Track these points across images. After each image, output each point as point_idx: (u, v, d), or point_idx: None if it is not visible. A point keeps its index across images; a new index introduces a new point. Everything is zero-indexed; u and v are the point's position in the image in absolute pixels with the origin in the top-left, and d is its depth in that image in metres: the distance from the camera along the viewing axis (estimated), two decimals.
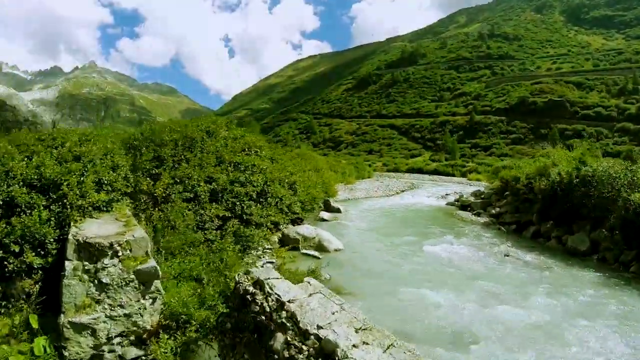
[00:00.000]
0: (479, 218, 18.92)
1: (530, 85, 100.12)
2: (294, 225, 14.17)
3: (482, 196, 21.26)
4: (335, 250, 12.03)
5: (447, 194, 30.00)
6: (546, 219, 15.39)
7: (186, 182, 9.28)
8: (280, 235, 12.33)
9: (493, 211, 19.01)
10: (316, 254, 11.36)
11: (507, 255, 11.96)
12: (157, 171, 9.32)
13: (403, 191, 33.62)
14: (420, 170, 68.93)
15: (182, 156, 10.16)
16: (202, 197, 9.21)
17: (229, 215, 9.65)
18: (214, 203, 9.46)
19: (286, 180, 13.06)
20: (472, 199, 22.03)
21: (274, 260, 9.73)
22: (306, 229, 12.57)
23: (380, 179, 46.61)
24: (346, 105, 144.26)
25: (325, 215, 18.42)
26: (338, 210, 20.57)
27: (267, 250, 10.76)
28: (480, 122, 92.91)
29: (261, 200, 10.56)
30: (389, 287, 8.68)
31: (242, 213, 9.81)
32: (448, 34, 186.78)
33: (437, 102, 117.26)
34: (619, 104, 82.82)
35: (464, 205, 22.08)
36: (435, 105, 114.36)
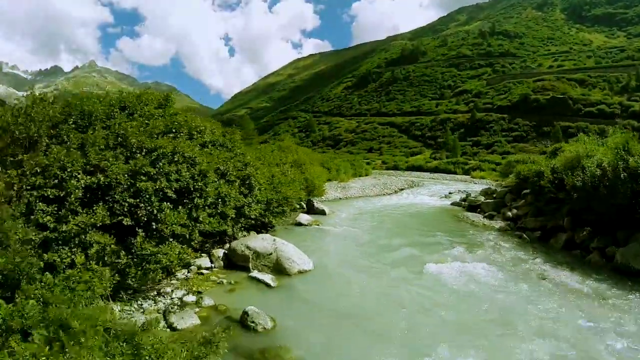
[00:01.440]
0: (492, 222, 15.37)
1: (532, 82, 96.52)
2: (258, 233, 10.63)
3: (494, 195, 17.66)
4: (300, 272, 8.56)
5: (450, 193, 26.47)
6: (581, 225, 11.85)
7: (52, 172, 5.73)
8: (226, 250, 8.73)
9: (509, 214, 15.44)
10: (269, 279, 7.83)
11: (544, 279, 8.36)
12: (22, 157, 5.87)
13: (402, 189, 30.06)
14: (420, 168, 65.35)
15: (66, 137, 6.60)
16: (73, 195, 5.63)
17: (128, 222, 6.09)
18: (97, 204, 5.88)
19: (234, 174, 9.38)
20: (482, 198, 18.42)
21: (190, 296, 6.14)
22: (261, 242, 9.05)
23: (379, 176, 43.00)
24: (346, 103, 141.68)
25: (304, 219, 14.91)
26: (322, 212, 17.09)
27: (197, 275, 7.16)
28: (482, 120, 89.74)
29: (185, 201, 6.95)
30: (371, 351, 5.08)
31: (148, 220, 6.24)
32: (448, 32, 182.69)
33: (438, 99, 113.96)
34: (622, 101, 79.88)
35: (472, 206, 18.52)
36: (435, 103, 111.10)
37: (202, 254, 8.96)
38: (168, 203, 6.50)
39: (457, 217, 16.68)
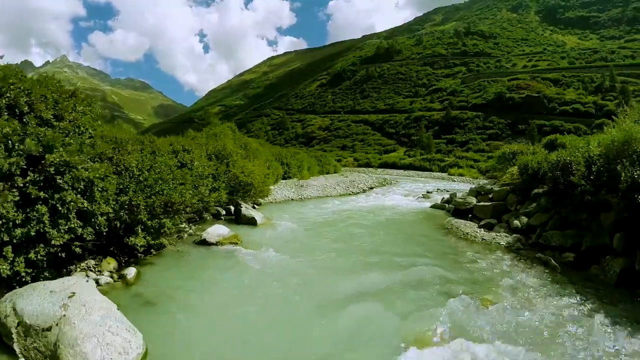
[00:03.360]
0: (493, 235, 10.49)
1: (507, 81, 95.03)
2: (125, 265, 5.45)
3: (491, 196, 12.81)
4: None
5: (429, 192, 21.71)
6: None
7: None
8: None
9: (517, 223, 10.61)
10: None
11: None
12: None
13: (371, 188, 25.13)
14: (394, 166, 61.17)
15: None
16: None
17: None
18: None
19: None
20: (472, 200, 13.51)
21: None
22: (42, 301, 3.85)
23: (348, 174, 38.04)
24: (320, 101, 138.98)
25: (214, 234, 9.79)
26: (252, 222, 12.04)
27: None
28: (457, 118, 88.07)
29: None
30: None
31: None
32: (424, 32, 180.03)
33: (412, 97, 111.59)
34: (597, 100, 78.97)
35: (460, 210, 13.67)
36: (410, 101, 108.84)
37: None
38: None
39: (443, 227, 11.76)
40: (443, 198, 16.54)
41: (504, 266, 7.97)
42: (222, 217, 13.40)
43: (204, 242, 9.64)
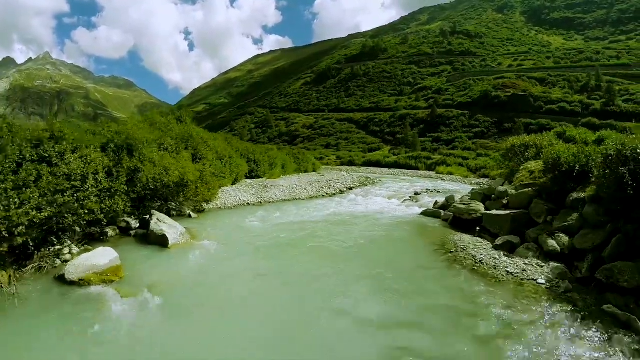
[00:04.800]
0: (519, 261, 6.93)
1: (493, 80, 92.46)
2: None
3: (506, 201, 9.14)
4: None
5: (417, 194, 18.08)
6: None
7: None
8: None
9: (552, 243, 7.08)
10: None
11: None
12: None
13: (350, 189, 21.40)
14: (378, 164, 57.72)
15: None
16: None
17: None
18: None
19: None
20: (479, 206, 9.82)
21: None
22: None
23: (327, 172, 34.29)
24: (304, 99, 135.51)
25: (82, 266, 6.22)
26: (162, 242, 8.36)
27: None
28: (442, 116, 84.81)
29: None
30: None
31: None
32: (410, 31, 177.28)
33: (397, 96, 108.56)
34: (583, 99, 76.94)
35: (460, 219, 10.05)
36: (395, 100, 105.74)
37: None
38: None
39: (442, 247, 8.11)
40: (436, 202, 12.88)
41: (558, 333, 4.33)
42: (132, 232, 9.60)
43: (62, 279, 5.88)
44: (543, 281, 6.17)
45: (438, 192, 19.39)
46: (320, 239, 9.31)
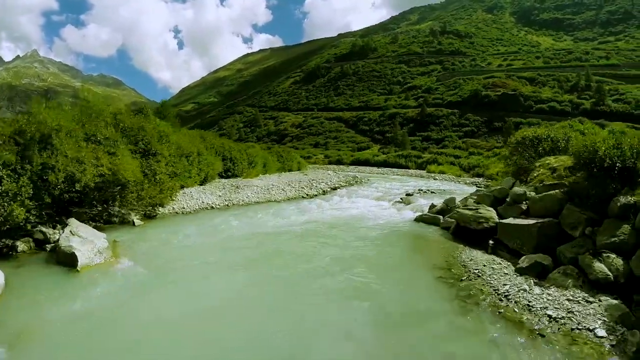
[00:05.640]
0: (559, 295, 4.78)
1: (483, 79, 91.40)
2: None
3: (525, 206, 6.97)
4: None
5: (408, 195, 15.95)
6: None
7: None
8: None
9: (600, 268, 4.97)
10: None
11: None
12: None
13: (335, 189, 19.23)
14: (367, 163, 55.68)
15: None
16: None
17: None
18: None
19: None
20: (489, 212, 7.63)
21: None
22: None
23: (312, 172, 32.06)
24: (293, 98, 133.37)
25: None
26: (70, 261, 6.14)
27: None
28: (432, 115, 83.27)
29: None
30: None
31: None
32: (400, 30, 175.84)
33: (387, 95, 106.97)
34: (573, 99, 75.80)
35: (467, 229, 7.90)
36: (384, 98, 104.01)
37: None
38: None
39: (447, 270, 5.92)
40: (432, 205, 10.74)
41: None
42: (48, 247, 7.37)
43: None
44: (603, 333, 4.05)
45: (432, 192, 17.33)
46: (290, 255, 7.11)
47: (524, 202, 7.33)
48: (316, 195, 16.56)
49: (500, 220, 7.09)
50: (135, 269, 6.25)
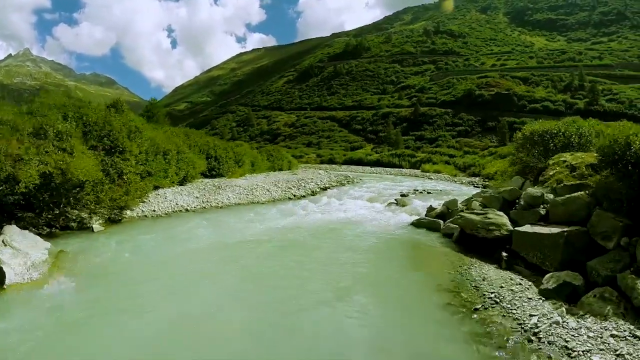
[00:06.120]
0: (600, 327, 3.65)
1: (477, 79, 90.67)
2: None
3: (544, 210, 5.87)
4: None
5: (403, 195, 14.82)
6: None
7: None
8: None
9: None
10: None
11: None
12: None
13: (325, 189, 18.05)
14: (360, 162, 54.60)
15: None
16: None
17: None
18: None
19: None
20: (500, 217, 6.48)
21: None
22: None
23: (302, 171, 30.82)
24: (286, 97, 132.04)
25: None
26: None
27: None
28: (425, 114, 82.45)
29: None
30: None
31: None
32: (393, 30, 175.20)
33: (380, 94, 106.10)
34: (567, 99, 75.20)
35: (474, 238, 6.75)
36: (378, 98, 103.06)
37: None
38: None
39: (457, 297, 4.75)
40: (431, 207, 9.60)
41: None
42: None
43: None
44: None
45: (428, 192, 16.22)
46: (248, 284, 5.87)
47: (541, 206, 6.23)
48: (304, 196, 15.37)
49: (516, 229, 5.93)
50: (70, 290, 5.08)
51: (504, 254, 5.85)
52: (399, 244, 7.51)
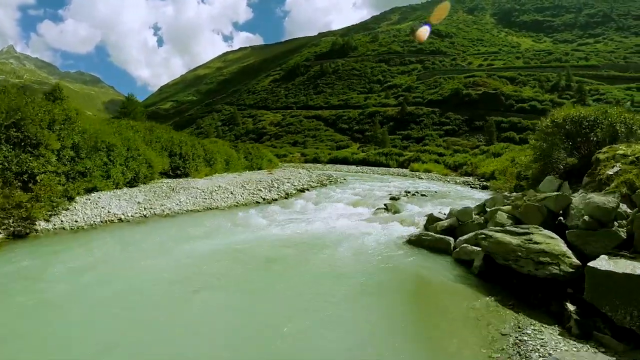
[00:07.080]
0: None
1: (464, 78, 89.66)
2: None
3: (626, 234, 3.68)
4: None
5: (393, 198, 12.48)
6: None
7: None
8: None
9: None
10: None
11: None
12: None
13: (303, 191, 15.64)
14: (345, 161, 52.22)
15: None
16: None
17: None
18: None
19: None
20: (557, 246, 4.18)
21: None
22: None
23: (281, 170, 28.31)
24: (272, 96, 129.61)
25: None
26: None
27: None
28: (412, 114, 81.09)
29: None
30: None
31: None
32: (380, 30, 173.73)
33: (367, 93, 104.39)
34: (554, 98, 74.21)
35: (503, 269, 4.40)
36: (364, 97, 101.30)
37: None
38: None
39: None
40: (432, 216, 7.22)
41: None
42: None
43: None
44: None
45: (422, 195, 13.92)
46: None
47: (615, 223, 3.95)
48: (275, 199, 12.88)
49: (591, 265, 3.53)
50: None
51: (571, 307, 3.49)
52: (395, 277, 4.96)
